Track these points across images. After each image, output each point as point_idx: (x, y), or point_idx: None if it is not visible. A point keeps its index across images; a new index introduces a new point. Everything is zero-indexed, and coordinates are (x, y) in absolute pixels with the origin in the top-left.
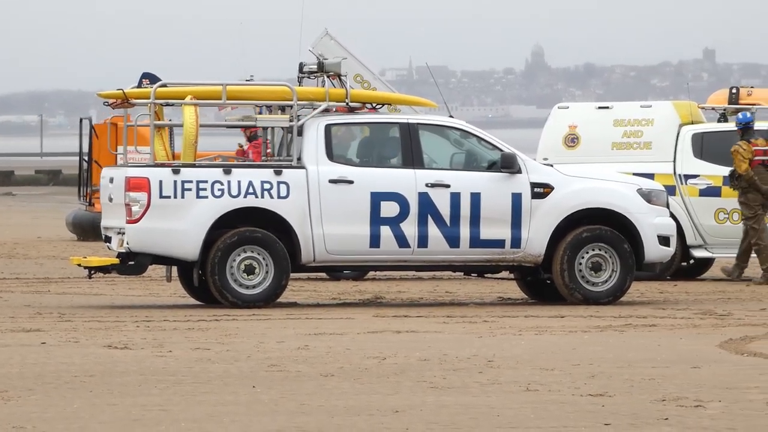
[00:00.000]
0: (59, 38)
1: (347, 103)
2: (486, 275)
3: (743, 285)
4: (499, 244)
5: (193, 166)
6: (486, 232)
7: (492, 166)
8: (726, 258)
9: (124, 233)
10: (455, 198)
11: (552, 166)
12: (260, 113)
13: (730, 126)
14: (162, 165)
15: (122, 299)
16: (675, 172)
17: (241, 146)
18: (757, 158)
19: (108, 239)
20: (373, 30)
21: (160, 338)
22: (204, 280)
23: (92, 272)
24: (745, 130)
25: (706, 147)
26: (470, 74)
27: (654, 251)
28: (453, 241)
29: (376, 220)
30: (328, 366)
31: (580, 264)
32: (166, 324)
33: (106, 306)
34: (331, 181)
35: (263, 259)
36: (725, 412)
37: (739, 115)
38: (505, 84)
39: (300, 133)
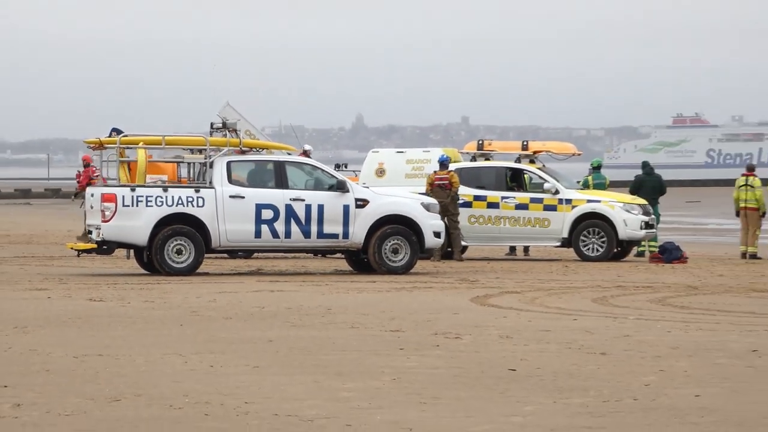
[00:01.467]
0: (55, 95)
1: (241, 148)
2: (327, 255)
3: (484, 262)
4: (335, 236)
5: (143, 186)
6: (327, 229)
7: (331, 188)
8: (478, 246)
9: (100, 228)
10: (308, 208)
11: (368, 188)
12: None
13: (480, 163)
14: (124, 186)
15: (99, 270)
16: None
17: (78, 171)
18: (436, 183)
19: (90, 232)
20: (254, 97)
21: (122, 294)
22: (150, 258)
23: (80, 253)
24: (443, 165)
25: (463, 176)
26: (318, 130)
27: (431, 241)
28: (307, 234)
29: (258, 221)
30: (228, 312)
31: (385, 249)
32: (126, 285)
33: (88, 274)
34: (230, 197)
35: (188, 245)
36: (474, 341)
37: (443, 154)
38: (340, 136)
39: (211, 166)
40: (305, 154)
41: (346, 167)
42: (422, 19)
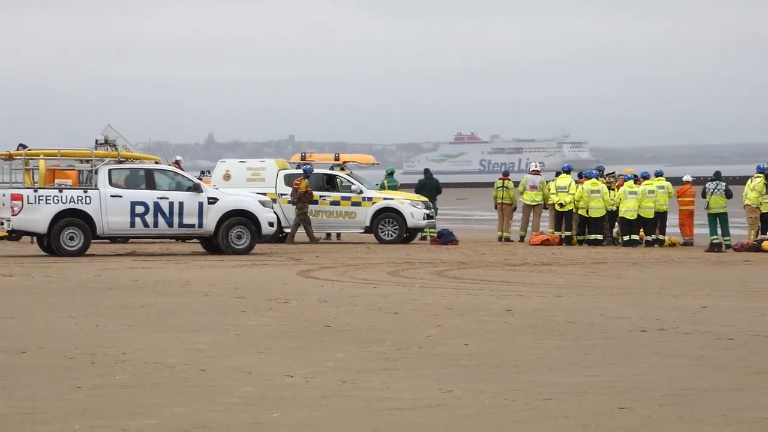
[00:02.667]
0: None
1: (119, 159)
2: (186, 240)
3: (307, 245)
4: (192, 226)
5: (44, 188)
6: (186, 220)
7: (189, 189)
8: (300, 232)
9: (9, 221)
10: (171, 204)
11: (217, 188)
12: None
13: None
14: (28, 188)
15: (9, 252)
16: (276, 192)
17: None
18: (294, 185)
19: (2, 224)
20: (125, 116)
21: (27, 271)
22: (49, 243)
23: None
24: (305, 174)
25: (290, 180)
26: (179, 144)
27: (266, 229)
28: (170, 224)
29: (132, 214)
30: (110, 284)
31: (231, 235)
32: (30, 264)
33: (3, 255)
34: (111, 196)
35: (78, 233)
36: (299, 305)
37: (306, 166)
38: (195, 150)
39: (96, 173)
40: (177, 163)
41: (209, 173)
42: (264, 58)
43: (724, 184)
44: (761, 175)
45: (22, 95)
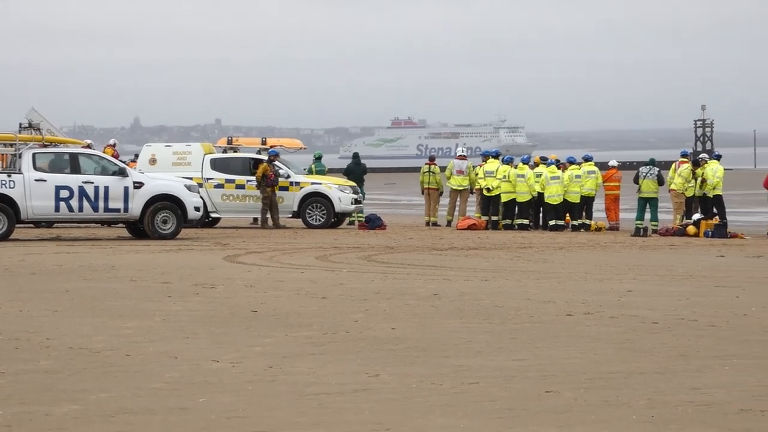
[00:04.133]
0: None
1: (43, 143)
2: (112, 225)
3: (233, 230)
4: (118, 210)
5: None
6: (111, 205)
7: (114, 173)
8: (229, 218)
9: None
10: (96, 189)
11: (143, 173)
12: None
13: (230, 155)
14: None
15: None
16: (202, 177)
17: None
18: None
19: None
20: (51, 100)
21: None
22: None
23: None
24: (273, 157)
25: (216, 164)
26: (105, 129)
27: (192, 214)
28: (96, 209)
29: (57, 198)
30: (34, 269)
31: (157, 220)
32: None
33: None
34: (35, 180)
35: (2, 217)
36: (225, 290)
37: (272, 149)
38: (121, 133)
39: (20, 157)
40: (113, 147)
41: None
42: (190, 39)
43: (657, 169)
44: (687, 160)
45: None
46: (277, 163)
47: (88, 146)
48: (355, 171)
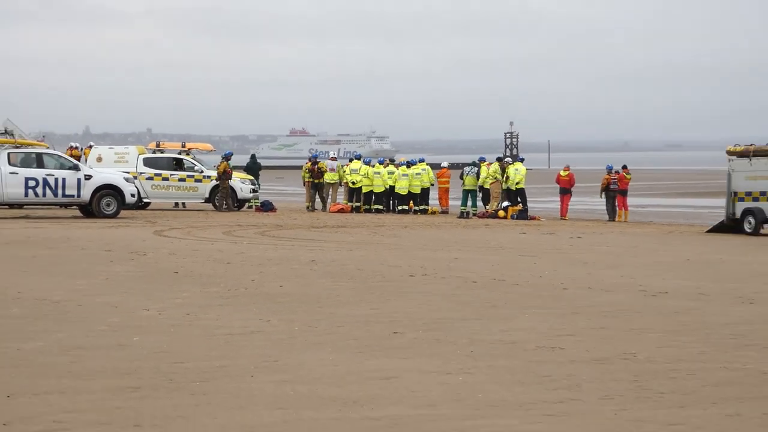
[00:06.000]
0: None
1: (15, 145)
2: (68, 207)
3: (160, 211)
4: (73, 196)
5: None
6: (68, 192)
7: (70, 168)
8: (156, 202)
9: None
10: (56, 180)
11: (92, 168)
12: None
13: (158, 155)
14: None
15: None
16: (137, 171)
17: None
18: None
19: None
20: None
21: None
22: None
23: None
24: (226, 157)
25: (147, 162)
26: (62, 135)
27: (129, 199)
28: (55, 195)
29: (26, 187)
30: (7, 239)
31: (102, 203)
32: None
33: None
34: (10, 173)
35: None
36: (154, 256)
37: (227, 151)
38: (74, 138)
39: None
40: (74, 148)
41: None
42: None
43: (477, 169)
44: (487, 162)
45: None
46: (192, 161)
47: (73, 149)
48: (253, 168)
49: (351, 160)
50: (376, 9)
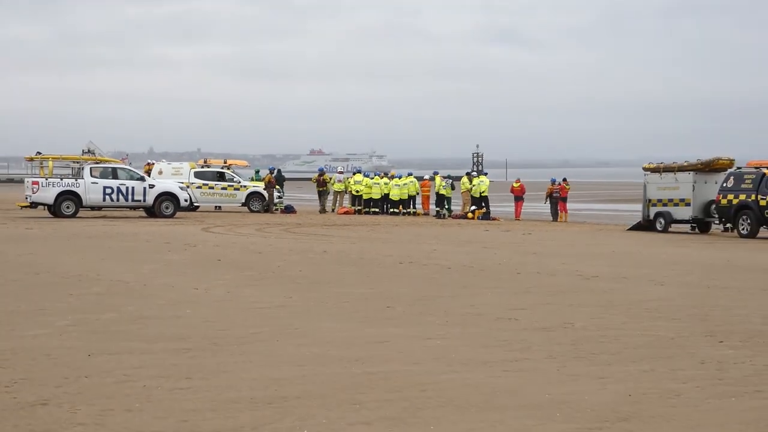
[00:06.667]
0: None
1: (96, 161)
2: (136, 210)
3: (207, 213)
4: (140, 200)
5: (51, 177)
6: (136, 197)
7: (137, 179)
8: (204, 206)
9: (30, 196)
10: (127, 188)
11: (154, 179)
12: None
13: (205, 169)
14: (42, 177)
15: (30, 215)
16: (189, 182)
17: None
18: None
19: (27, 197)
20: (94, 130)
21: (41, 226)
22: (54, 210)
23: (23, 207)
24: (271, 171)
25: (197, 175)
26: (132, 153)
27: (183, 204)
28: (127, 199)
29: (104, 194)
30: (90, 234)
31: (162, 207)
32: (43, 222)
33: (26, 217)
34: (92, 183)
35: (72, 204)
36: (202, 247)
37: (271, 166)
38: (141, 156)
39: (83, 169)
40: (124, 161)
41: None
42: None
43: (451, 180)
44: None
45: None
46: (232, 173)
47: (124, 161)
48: (279, 179)
49: (354, 173)
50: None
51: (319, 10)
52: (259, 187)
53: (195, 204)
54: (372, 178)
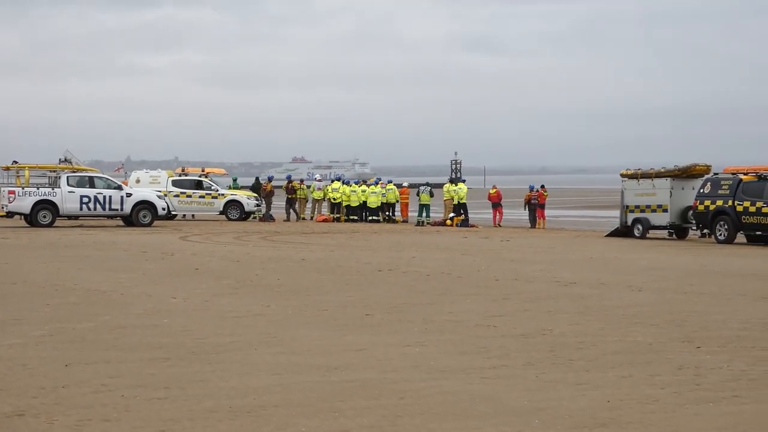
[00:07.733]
0: None
1: (73, 169)
2: (114, 219)
3: (184, 222)
4: (117, 210)
5: (28, 186)
6: (113, 207)
7: (115, 188)
8: (181, 213)
9: (6, 206)
10: (104, 197)
11: (131, 188)
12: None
13: (183, 178)
14: (19, 186)
15: (6, 224)
16: (166, 190)
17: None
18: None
19: (2, 207)
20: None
21: (17, 235)
22: (30, 219)
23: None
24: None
25: (175, 183)
26: (109, 161)
27: (160, 212)
28: (104, 209)
29: (82, 203)
30: (67, 243)
31: (140, 215)
32: (19, 231)
33: (2, 227)
34: (68, 192)
35: (49, 213)
36: (180, 256)
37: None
38: (118, 165)
39: (59, 178)
40: (119, 170)
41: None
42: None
43: (430, 187)
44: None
45: None
46: (209, 182)
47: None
48: (256, 187)
49: (332, 181)
50: (351, 68)
51: (295, 18)
52: (237, 194)
53: (173, 212)
54: (350, 186)
